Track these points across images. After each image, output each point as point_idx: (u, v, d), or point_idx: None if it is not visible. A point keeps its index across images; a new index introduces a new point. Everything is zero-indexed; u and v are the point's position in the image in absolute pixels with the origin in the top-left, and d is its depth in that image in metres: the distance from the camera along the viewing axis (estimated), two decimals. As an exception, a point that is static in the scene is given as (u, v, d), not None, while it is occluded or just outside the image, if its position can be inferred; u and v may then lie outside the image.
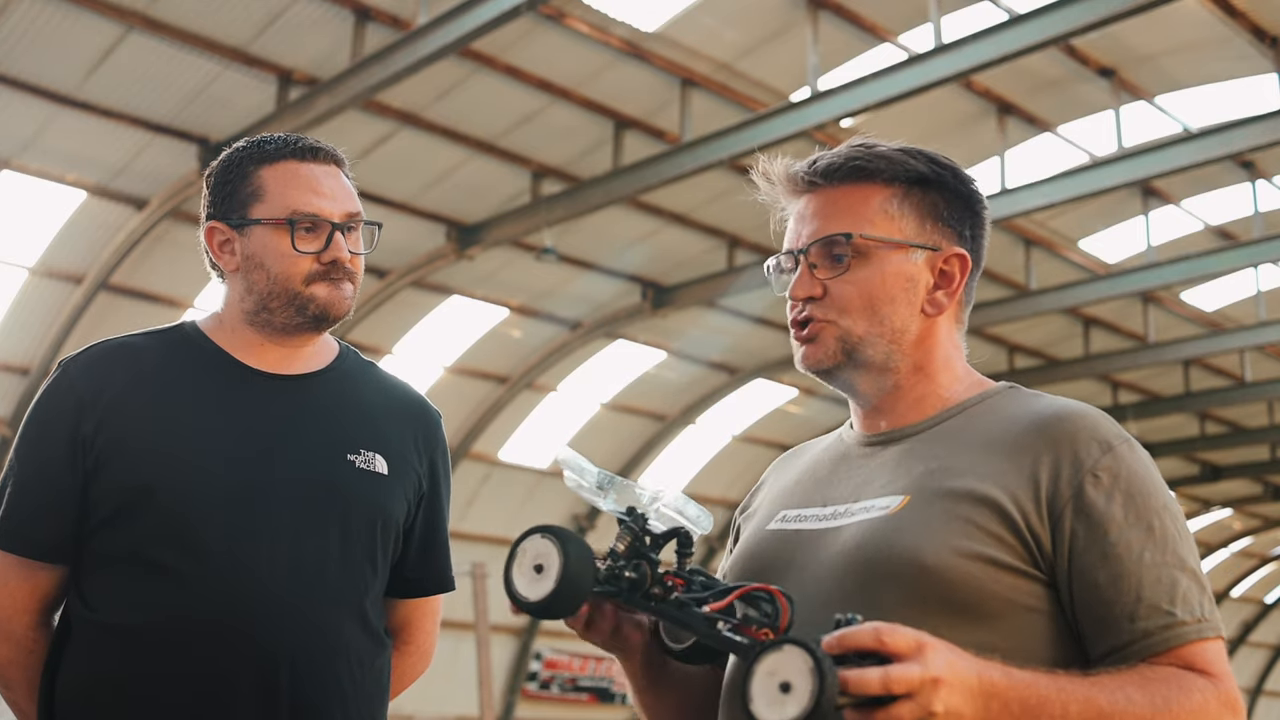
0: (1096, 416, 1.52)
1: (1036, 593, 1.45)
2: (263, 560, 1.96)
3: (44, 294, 12.73)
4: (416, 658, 2.28)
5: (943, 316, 1.64)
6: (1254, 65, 11.16)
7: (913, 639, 1.25)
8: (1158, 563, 1.43)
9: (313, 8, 10.07)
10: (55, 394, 2.05)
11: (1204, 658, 1.41)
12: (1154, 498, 1.47)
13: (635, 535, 1.44)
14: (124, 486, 1.97)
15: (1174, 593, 1.42)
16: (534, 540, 1.41)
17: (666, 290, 14.98)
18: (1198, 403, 18.77)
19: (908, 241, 1.61)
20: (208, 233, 2.13)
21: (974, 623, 1.42)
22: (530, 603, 1.39)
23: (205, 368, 2.09)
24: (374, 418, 2.14)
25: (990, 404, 1.60)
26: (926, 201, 1.63)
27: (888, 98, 9.58)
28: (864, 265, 1.60)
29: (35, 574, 2.03)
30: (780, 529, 1.63)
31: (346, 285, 2.10)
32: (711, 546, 18.34)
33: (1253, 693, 30.60)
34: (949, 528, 1.46)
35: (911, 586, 1.44)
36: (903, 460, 1.58)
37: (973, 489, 1.47)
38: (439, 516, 2.23)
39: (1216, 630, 1.43)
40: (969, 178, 1.68)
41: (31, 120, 10.86)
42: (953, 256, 1.63)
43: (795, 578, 1.54)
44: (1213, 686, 1.39)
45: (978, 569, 1.43)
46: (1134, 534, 1.44)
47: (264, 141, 2.14)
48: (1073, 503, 1.45)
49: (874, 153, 1.64)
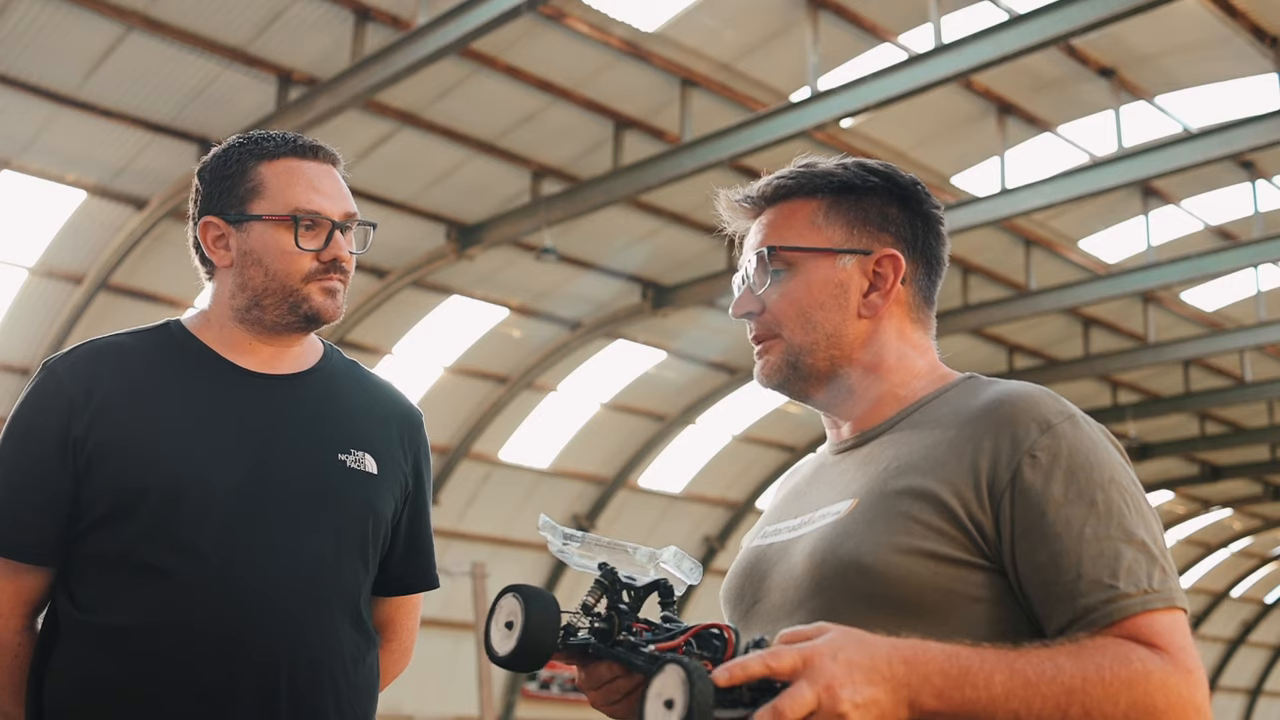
0: (1038, 396, 1.51)
1: (983, 582, 1.44)
2: (256, 560, 1.95)
3: (44, 294, 12.74)
4: (399, 655, 2.29)
5: (888, 317, 1.66)
6: (1254, 65, 11.16)
7: (795, 657, 1.25)
8: (1100, 536, 1.40)
9: (313, 8, 10.07)
10: (43, 395, 2.02)
11: (1150, 629, 1.37)
12: (1098, 471, 1.45)
13: (606, 589, 1.51)
14: (116, 488, 1.96)
15: (1116, 565, 1.39)
16: (506, 599, 1.50)
17: (666, 290, 14.99)
18: (1198, 403, 18.77)
19: (831, 248, 1.65)
20: (202, 227, 2.12)
21: (919, 617, 1.42)
22: (500, 657, 1.48)
23: (194, 367, 2.08)
24: (361, 417, 2.15)
25: (947, 397, 1.61)
26: (856, 208, 1.66)
27: (888, 98, 9.59)
28: (793, 276, 1.65)
29: (22, 576, 2.02)
30: (758, 545, 1.68)
31: (340, 290, 2.10)
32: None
33: (1253, 693, 30.59)
34: (889, 526, 1.47)
35: (857, 588, 1.46)
36: (861, 464, 1.60)
37: (914, 485, 1.48)
38: (423, 515, 2.24)
39: (1168, 601, 1.39)
40: (908, 181, 1.70)
41: (31, 120, 10.87)
42: (884, 258, 1.64)
43: (765, 591, 1.58)
44: (1157, 657, 1.34)
45: (917, 564, 1.44)
46: (1074, 510, 1.42)
47: (262, 138, 2.13)
48: (1010, 486, 1.44)
49: (799, 171, 1.70)
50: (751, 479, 20.13)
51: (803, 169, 1.70)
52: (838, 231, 1.66)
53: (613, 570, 1.52)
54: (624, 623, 1.48)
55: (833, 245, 1.65)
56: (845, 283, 1.64)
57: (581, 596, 1.52)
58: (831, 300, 1.64)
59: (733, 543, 20.24)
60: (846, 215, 1.66)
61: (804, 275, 1.65)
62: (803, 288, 1.64)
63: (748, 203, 1.72)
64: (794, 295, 1.65)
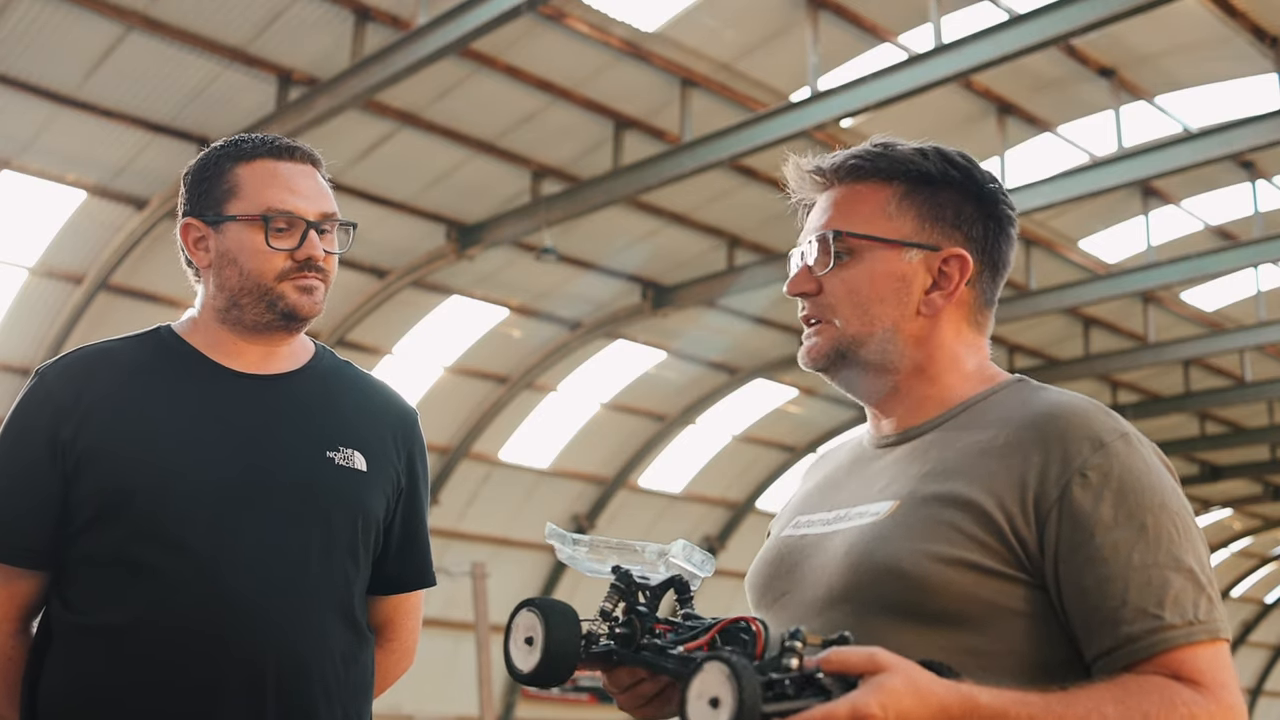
0: (1092, 412, 1.47)
1: (1024, 596, 1.41)
2: (246, 558, 1.96)
3: (44, 294, 12.74)
4: (400, 655, 2.29)
5: (947, 317, 1.60)
6: (1254, 65, 11.16)
7: (848, 713, 1.23)
8: (1148, 564, 1.37)
9: (313, 8, 10.07)
10: (33, 401, 2.05)
11: (1194, 664, 1.34)
12: (1149, 495, 1.41)
13: (623, 592, 1.48)
14: (104, 490, 1.97)
15: (1163, 594, 1.36)
16: (523, 614, 1.48)
17: (666, 290, 14.98)
18: (1198, 403, 18.77)
19: (900, 240, 1.58)
20: (183, 229, 2.14)
21: (956, 628, 1.40)
22: (525, 674, 1.45)
23: (182, 370, 2.10)
24: (351, 415, 2.15)
25: (994, 400, 1.57)
26: (931, 201, 1.60)
27: (888, 98, 9.59)
28: (856, 263, 1.59)
29: (15, 581, 2.03)
30: (791, 535, 1.63)
31: (318, 287, 2.11)
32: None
33: (1253, 693, 30.60)
34: (930, 533, 1.43)
35: (891, 594, 1.43)
36: (902, 463, 1.56)
37: (958, 493, 1.45)
38: (418, 513, 2.24)
39: (1213, 633, 1.36)
40: (986, 178, 1.63)
41: (31, 120, 10.86)
42: (951, 257, 1.59)
43: (797, 583, 1.55)
44: (1201, 698, 1.32)
45: (957, 574, 1.41)
46: (1123, 534, 1.38)
47: (241, 140, 2.15)
48: (1059, 505, 1.40)
49: (877, 152, 1.62)
50: (751, 479, 20.12)
51: (881, 149, 1.63)
52: (908, 223, 1.59)
53: (627, 572, 1.49)
54: (645, 625, 1.45)
55: (901, 237, 1.58)
56: (909, 277, 1.58)
57: (583, 595, 1.51)
58: (892, 294, 1.58)
59: (733, 543, 20.24)
60: (920, 207, 1.60)
61: (867, 264, 1.59)
62: (864, 277, 1.58)
63: (820, 175, 1.65)
64: (854, 283, 1.59)
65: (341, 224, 2.15)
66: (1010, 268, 1.67)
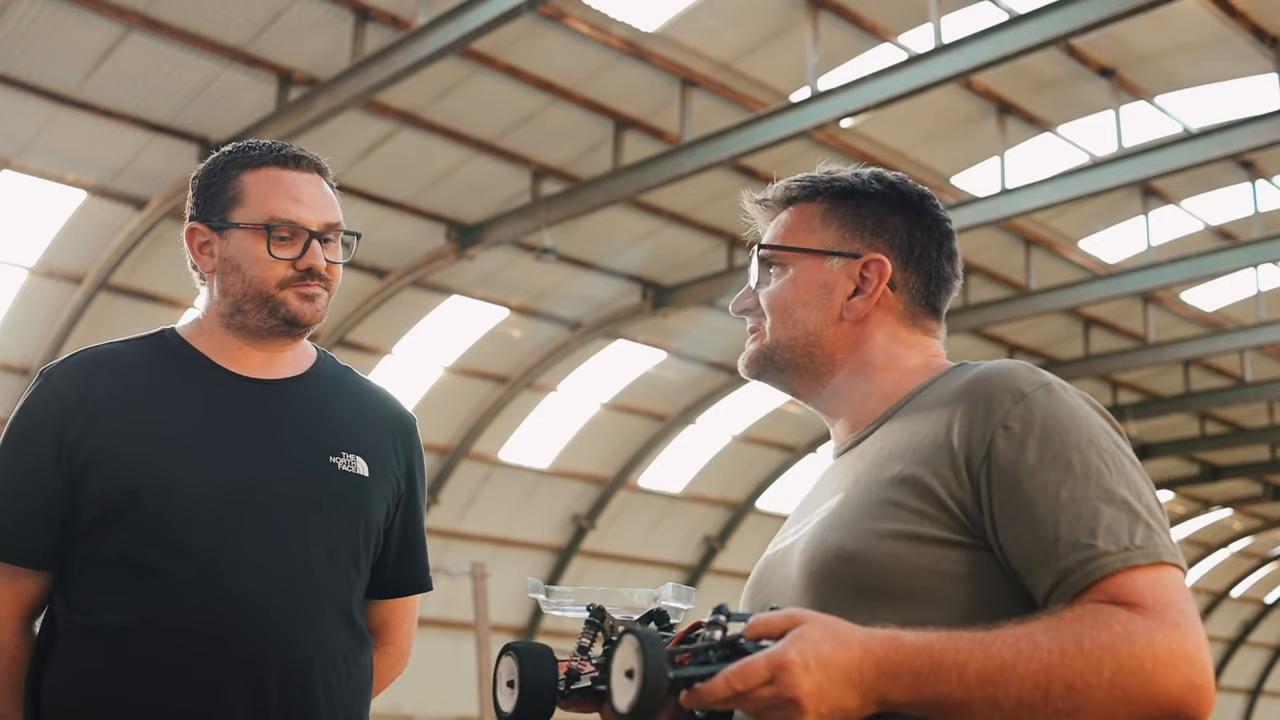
0: (1013, 368, 1.50)
1: (966, 559, 1.43)
2: (249, 560, 1.98)
3: (44, 294, 12.74)
4: (395, 658, 2.31)
5: (876, 320, 1.67)
6: (1254, 65, 11.16)
7: (764, 671, 1.26)
8: (1077, 498, 1.37)
9: (313, 8, 10.07)
10: (38, 401, 2.06)
11: (1133, 587, 1.32)
12: (1074, 434, 1.42)
13: (598, 626, 1.54)
14: (109, 492, 1.99)
15: (1095, 524, 1.35)
16: (504, 660, 1.53)
17: (666, 290, 14.99)
18: (1198, 403, 18.77)
19: (822, 250, 1.68)
20: (189, 234, 2.17)
21: (904, 601, 1.42)
22: (508, 715, 1.50)
23: (187, 373, 2.12)
24: (353, 421, 2.17)
25: (935, 386, 1.61)
26: (854, 213, 1.69)
27: (888, 98, 9.59)
28: (784, 276, 1.70)
29: (19, 580, 2.04)
30: (769, 553, 1.70)
31: (320, 295, 2.13)
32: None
33: (1253, 693, 30.58)
34: (872, 513, 1.48)
35: (843, 578, 1.47)
36: (852, 461, 1.63)
37: (896, 471, 1.49)
38: (417, 518, 2.26)
39: (1151, 557, 1.34)
40: (915, 192, 1.71)
41: (31, 120, 10.86)
42: (871, 262, 1.66)
43: (769, 596, 1.61)
44: (1140, 616, 1.30)
45: (900, 547, 1.44)
46: (1050, 475, 1.39)
47: (248, 147, 2.17)
48: (986, 461, 1.43)
49: (809, 175, 1.74)
50: (751, 479, 20.13)
51: (813, 174, 1.75)
52: (831, 234, 1.69)
53: (600, 609, 1.54)
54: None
55: (823, 247, 1.68)
56: (831, 284, 1.67)
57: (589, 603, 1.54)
58: (815, 300, 1.67)
59: (733, 543, 20.26)
60: (842, 219, 1.70)
61: (793, 275, 1.69)
62: (790, 286, 1.69)
63: (765, 205, 1.78)
64: (782, 293, 1.69)
65: (345, 234, 2.17)
66: (952, 278, 1.73)
